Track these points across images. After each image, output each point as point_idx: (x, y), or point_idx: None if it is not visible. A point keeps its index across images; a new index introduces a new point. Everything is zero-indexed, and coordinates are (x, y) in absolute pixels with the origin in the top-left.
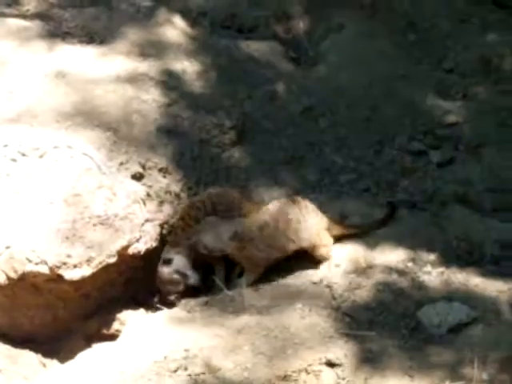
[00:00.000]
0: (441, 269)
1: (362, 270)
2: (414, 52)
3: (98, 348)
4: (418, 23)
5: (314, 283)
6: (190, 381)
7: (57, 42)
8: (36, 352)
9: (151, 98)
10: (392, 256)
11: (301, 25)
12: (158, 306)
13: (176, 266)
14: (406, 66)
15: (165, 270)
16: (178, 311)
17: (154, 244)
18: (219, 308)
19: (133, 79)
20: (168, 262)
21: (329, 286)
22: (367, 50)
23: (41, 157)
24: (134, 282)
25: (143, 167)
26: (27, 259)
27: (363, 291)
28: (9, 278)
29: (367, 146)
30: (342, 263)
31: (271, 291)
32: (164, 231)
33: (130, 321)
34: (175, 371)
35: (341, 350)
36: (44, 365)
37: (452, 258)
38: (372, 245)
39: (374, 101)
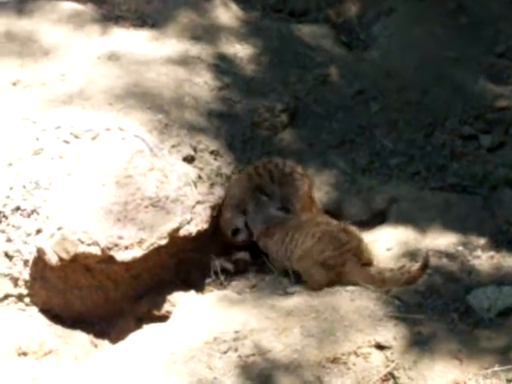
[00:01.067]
0: (491, 253)
1: (413, 254)
2: (464, 35)
3: (148, 329)
4: (468, 6)
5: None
6: (239, 362)
7: (110, 26)
8: (87, 333)
9: (203, 81)
10: (442, 240)
11: (352, 8)
12: (210, 287)
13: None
14: (457, 49)
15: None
16: (228, 293)
17: (205, 226)
18: (269, 290)
19: (185, 62)
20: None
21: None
22: (418, 34)
23: (93, 139)
24: (184, 264)
25: (194, 150)
26: (79, 240)
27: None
28: (61, 260)
29: (418, 130)
30: (393, 247)
31: None
32: (215, 213)
33: (181, 302)
34: (225, 352)
35: (390, 333)
36: (95, 345)
37: (502, 242)
38: (423, 229)
39: (424, 84)
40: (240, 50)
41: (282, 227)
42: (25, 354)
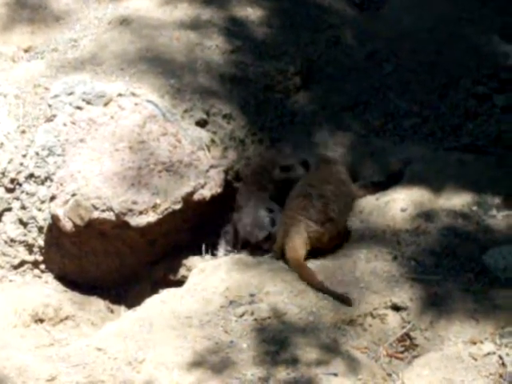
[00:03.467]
0: (506, 212)
1: (428, 214)
2: None
3: (164, 294)
4: None
5: (379, 228)
6: (256, 325)
7: None
8: (103, 298)
9: (215, 45)
10: (457, 200)
11: None
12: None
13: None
14: (471, 9)
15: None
16: (243, 256)
17: (219, 190)
18: None
19: (196, 26)
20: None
21: (394, 231)
22: None
23: (106, 104)
24: (199, 228)
25: (207, 114)
26: (93, 206)
27: (428, 235)
28: (75, 226)
29: (431, 91)
30: (407, 207)
31: None
32: (229, 177)
33: (196, 267)
34: (241, 316)
35: (406, 294)
36: (111, 311)
37: None
38: (437, 189)
39: (438, 44)
40: (251, 13)
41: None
42: (41, 320)
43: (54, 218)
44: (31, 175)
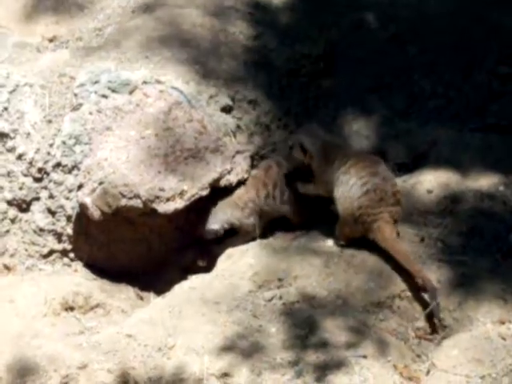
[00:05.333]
0: None
1: (454, 196)
2: None
3: (193, 280)
4: None
5: (406, 210)
6: (284, 309)
7: None
8: (132, 285)
9: (238, 31)
10: (483, 181)
11: None
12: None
13: None
14: None
15: None
16: (271, 241)
17: (246, 175)
18: (314, 239)
19: (219, 12)
20: None
21: (421, 212)
22: None
23: (131, 92)
24: None
25: (232, 100)
26: (121, 194)
27: (455, 217)
28: (103, 214)
29: (455, 72)
30: (434, 189)
31: None
32: (255, 162)
33: (224, 252)
34: (270, 300)
35: (434, 275)
36: (141, 298)
37: None
38: (463, 170)
39: (461, 25)
40: None
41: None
42: (72, 308)
43: (82, 207)
44: (58, 164)
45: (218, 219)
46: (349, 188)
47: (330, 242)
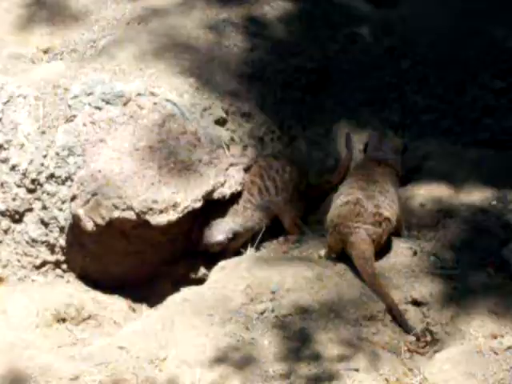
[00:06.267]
0: None
1: (447, 210)
2: None
3: (185, 292)
4: None
5: None
6: (277, 322)
7: None
8: (125, 297)
9: (233, 44)
10: (476, 195)
11: None
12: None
13: None
14: (489, 3)
15: None
16: (263, 254)
17: (239, 188)
18: (306, 251)
19: (214, 25)
20: None
21: (413, 226)
22: None
23: (125, 104)
24: None
25: (226, 112)
26: (114, 206)
27: (448, 230)
28: (97, 225)
29: (449, 86)
30: (427, 203)
31: None
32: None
33: (217, 264)
34: (262, 313)
35: (426, 289)
36: (133, 309)
37: None
38: (456, 184)
39: (455, 39)
40: (269, 11)
41: None
42: (64, 320)
43: (75, 218)
44: (52, 175)
45: (221, 230)
46: (337, 196)
47: (322, 252)
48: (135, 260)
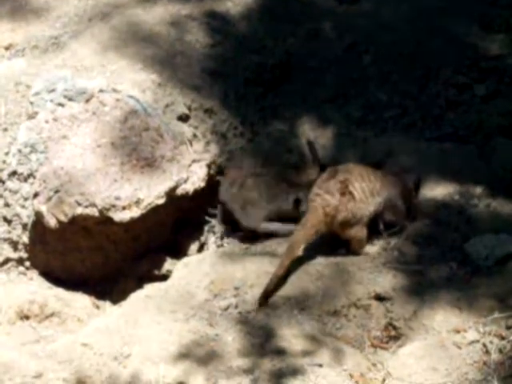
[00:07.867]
0: (487, 201)
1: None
2: None
3: (149, 288)
4: None
5: None
6: (240, 318)
7: None
8: (89, 294)
9: (195, 40)
10: (439, 190)
11: None
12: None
13: None
14: None
15: None
16: (226, 250)
17: (202, 184)
18: (269, 246)
19: (176, 21)
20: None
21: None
22: None
23: (87, 101)
24: (182, 223)
25: (189, 108)
26: (76, 202)
27: (411, 225)
28: (59, 222)
29: (411, 81)
30: None
31: None
32: (212, 171)
33: (180, 261)
34: (226, 309)
35: (389, 284)
36: (97, 306)
37: (498, 189)
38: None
39: (417, 35)
40: (231, 7)
41: None
42: (27, 317)
43: (38, 215)
44: (14, 172)
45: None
46: None
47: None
48: (98, 257)
